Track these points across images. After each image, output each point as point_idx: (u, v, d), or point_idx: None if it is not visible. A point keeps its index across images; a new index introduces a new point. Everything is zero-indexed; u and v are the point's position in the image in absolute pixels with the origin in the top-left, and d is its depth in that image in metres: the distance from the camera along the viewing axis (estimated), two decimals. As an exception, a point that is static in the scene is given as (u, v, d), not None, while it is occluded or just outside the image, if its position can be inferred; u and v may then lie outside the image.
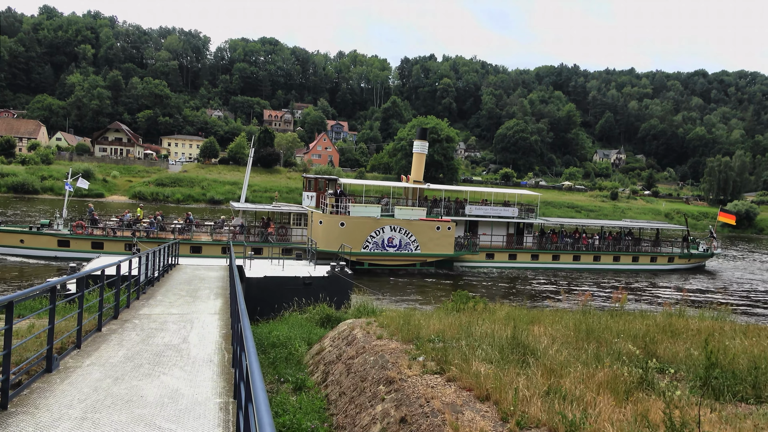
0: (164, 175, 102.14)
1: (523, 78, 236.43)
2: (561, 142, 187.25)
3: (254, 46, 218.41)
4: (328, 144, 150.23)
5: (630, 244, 45.01)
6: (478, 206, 41.34)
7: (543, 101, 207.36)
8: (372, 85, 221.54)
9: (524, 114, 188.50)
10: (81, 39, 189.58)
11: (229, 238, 33.90)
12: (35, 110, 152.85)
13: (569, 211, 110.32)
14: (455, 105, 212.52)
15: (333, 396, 9.26)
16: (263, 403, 3.00)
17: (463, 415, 6.27)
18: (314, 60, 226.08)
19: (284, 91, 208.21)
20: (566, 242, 42.67)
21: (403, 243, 35.65)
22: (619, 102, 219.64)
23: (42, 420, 5.71)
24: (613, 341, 9.03)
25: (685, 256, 46.12)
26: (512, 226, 41.63)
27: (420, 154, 42.13)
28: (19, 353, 7.59)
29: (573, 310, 13.53)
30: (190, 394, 6.77)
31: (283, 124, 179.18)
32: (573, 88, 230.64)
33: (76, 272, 15.21)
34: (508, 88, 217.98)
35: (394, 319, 11.16)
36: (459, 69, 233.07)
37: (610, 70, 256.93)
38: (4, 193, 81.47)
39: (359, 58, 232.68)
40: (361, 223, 34.92)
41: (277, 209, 37.14)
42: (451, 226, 36.80)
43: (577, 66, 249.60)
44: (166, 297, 14.14)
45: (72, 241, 31.94)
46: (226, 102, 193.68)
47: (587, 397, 6.36)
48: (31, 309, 12.02)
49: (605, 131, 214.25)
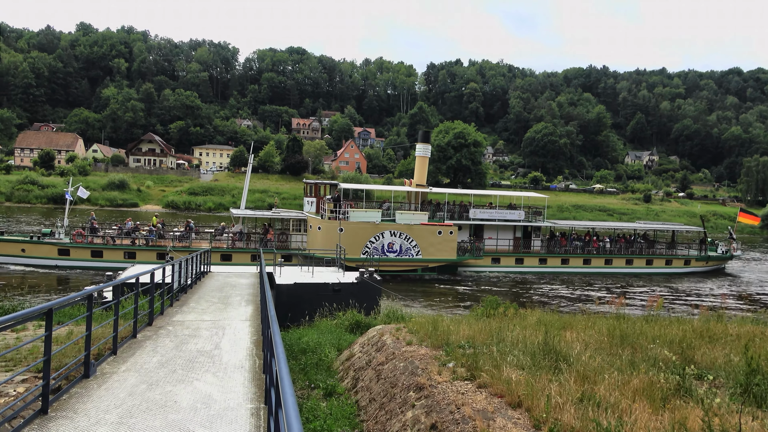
0: (196, 185, 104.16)
1: (551, 81, 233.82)
2: (591, 144, 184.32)
3: (282, 55, 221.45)
4: (355, 151, 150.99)
5: (644, 246, 43.40)
6: (482, 210, 40.16)
7: (572, 104, 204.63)
8: (398, 91, 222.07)
9: (553, 117, 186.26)
10: (115, 53, 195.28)
11: (228, 245, 33.97)
12: (73, 123, 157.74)
13: (601, 214, 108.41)
14: (482, 109, 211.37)
15: (363, 402, 9.25)
16: (293, 409, 3.01)
17: (495, 422, 6.19)
18: (341, 68, 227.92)
19: (312, 100, 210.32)
20: (576, 245, 41.29)
21: (403, 248, 34.80)
22: (651, 103, 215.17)
23: (80, 424, 5.85)
24: (648, 347, 8.82)
25: (702, 258, 44.13)
26: (519, 229, 40.33)
27: (422, 157, 41.42)
28: (58, 359, 7.81)
29: (606, 315, 13.26)
30: (222, 399, 6.86)
31: (311, 132, 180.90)
32: (602, 90, 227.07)
33: (112, 280, 15.58)
34: (536, 92, 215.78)
35: (423, 325, 11.12)
36: (485, 73, 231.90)
37: (640, 70, 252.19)
38: (45, 204, 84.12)
39: (385, 64, 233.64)
40: (360, 229, 34.15)
41: (277, 215, 36.93)
42: (453, 230, 35.83)
43: (606, 67, 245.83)
44: (199, 304, 14.37)
45: (72, 250, 31.97)
46: (255, 111, 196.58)
47: (622, 405, 6.21)
48: (70, 316, 12.35)
49: (637, 133, 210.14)
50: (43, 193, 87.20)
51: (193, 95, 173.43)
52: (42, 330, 8.93)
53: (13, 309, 14.05)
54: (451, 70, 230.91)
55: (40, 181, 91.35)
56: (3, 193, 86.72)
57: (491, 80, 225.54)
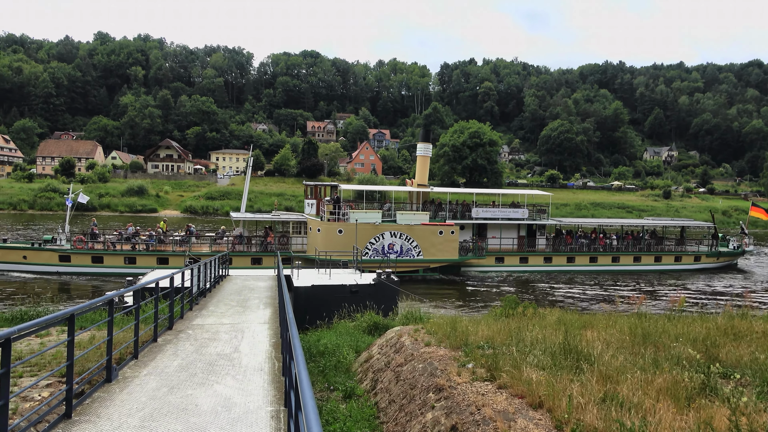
0: (213, 189, 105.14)
1: (566, 78, 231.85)
2: (608, 141, 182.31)
3: (296, 59, 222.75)
4: (370, 152, 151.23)
5: (652, 243, 42.38)
6: (485, 209, 39.72)
7: (588, 100, 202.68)
8: (412, 92, 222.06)
9: (569, 114, 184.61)
10: (132, 61, 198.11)
11: (228, 248, 33.74)
12: (92, 131, 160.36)
13: (620, 211, 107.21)
14: (497, 108, 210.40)
15: (382, 404, 9.23)
16: (313, 411, 3.00)
17: (516, 423, 6.13)
18: (354, 70, 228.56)
19: (326, 102, 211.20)
20: (581, 243, 40.48)
21: (404, 249, 34.39)
22: (669, 97, 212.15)
23: (103, 428, 5.91)
24: (671, 345, 8.67)
25: (713, 254, 43.09)
26: (523, 228, 39.71)
27: (423, 156, 40.94)
28: (81, 364, 7.91)
29: (627, 314, 13.09)
30: (242, 402, 6.89)
31: (325, 134, 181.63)
32: (619, 86, 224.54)
33: (133, 285, 15.76)
34: (551, 89, 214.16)
35: (441, 325, 11.06)
36: (500, 72, 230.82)
37: (657, 65, 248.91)
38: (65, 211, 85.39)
39: (399, 65, 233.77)
40: (359, 230, 33.65)
41: (277, 218, 36.79)
42: (454, 230, 35.34)
43: (622, 63, 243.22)
44: (218, 307, 14.48)
45: (73, 256, 32.05)
46: (270, 115, 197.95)
47: (646, 404, 6.11)
48: (92, 321, 12.51)
49: (655, 128, 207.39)
50: (64, 201, 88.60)
51: (209, 101, 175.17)
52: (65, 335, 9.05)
53: (37, 315, 14.29)
54: (465, 69, 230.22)
55: (61, 189, 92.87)
56: (26, 201, 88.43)
57: (506, 79, 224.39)
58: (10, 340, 4.77)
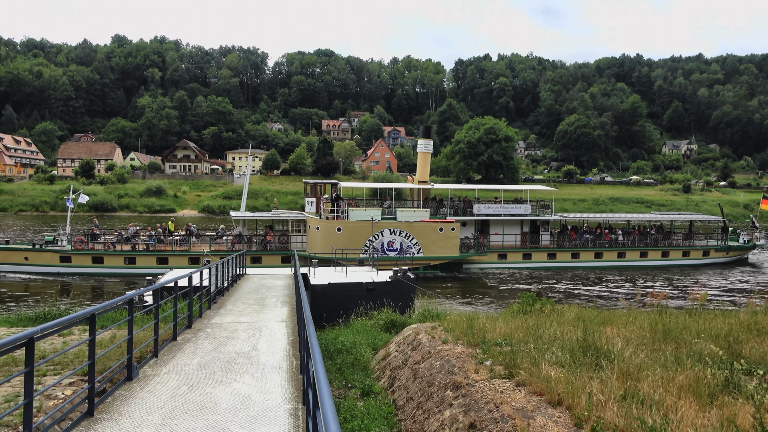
0: (230, 189, 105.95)
1: (582, 72, 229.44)
2: (626, 135, 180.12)
3: (310, 58, 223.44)
4: (385, 150, 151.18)
5: (659, 238, 41.42)
6: (487, 205, 39.20)
7: (605, 94, 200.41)
8: (427, 89, 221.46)
9: (585, 109, 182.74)
10: (149, 63, 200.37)
11: (227, 248, 33.74)
12: (110, 133, 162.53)
13: (639, 206, 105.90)
14: (512, 104, 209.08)
15: (400, 401, 9.23)
16: (330, 409, 3.01)
17: (535, 421, 6.09)
18: (368, 68, 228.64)
19: (341, 101, 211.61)
20: (586, 239, 39.69)
21: (404, 246, 33.96)
22: (688, 90, 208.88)
23: (125, 426, 5.99)
24: (693, 342, 8.54)
25: (722, 248, 42.10)
26: (526, 224, 39.15)
27: (424, 153, 40.42)
28: (102, 362, 8.02)
29: (647, 310, 12.92)
30: (260, 400, 6.93)
31: (340, 133, 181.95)
32: (637, 79, 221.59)
33: (152, 284, 15.95)
34: (568, 83, 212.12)
35: (458, 323, 11.02)
36: (515, 67, 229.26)
37: (676, 57, 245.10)
38: (87, 212, 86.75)
39: (413, 62, 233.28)
40: (358, 227, 33.44)
41: (276, 216, 36.65)
42: (455, 226, 34.79)
43: (640, 55, 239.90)
44: (236, 306, 14.59)
45: (73, 257, 32.12)
46: (285, 115, 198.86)
47: (667, 402, 6.03)
48: (112, 320, 12.69)
49: (674, 121, 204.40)
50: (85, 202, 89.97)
51: (225, 101, 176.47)
52: (87, 334, 9.20)
53: (59, 314, 14.53)
54: (480, 65, 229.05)
55: (81, 190, 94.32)
56: (47, 202, 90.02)
57: (521, 74, 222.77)
58: (34, 340, 4.85)
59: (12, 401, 6.82)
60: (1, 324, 13.47)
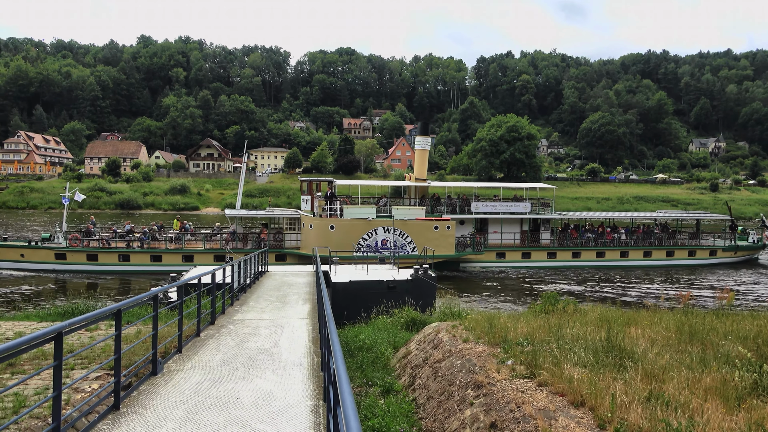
0: (252, 187, 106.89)
1: (607, 68, 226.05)
2: (652, 133, 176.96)
3: (332, 57, 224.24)
4: (407, 148, 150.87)
5: (663, 237, 40.25)
6: (485, 203, 38.51)
7: (630, 91, 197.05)
8: (448, 87, 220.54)
9: (610, 106, 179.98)
10: (174, 63, 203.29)
11: (221, 245, 33.72)
12: (136, 132, 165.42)
13: (665, 205, 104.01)
14: (535, 101, 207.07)
15: (421, 400, 9.22)
16: (351, 407, 3.02)
17: (557, 421, 6.03)
18: (390, 66, 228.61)
19: (362, 99, 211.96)
20: (588, 238, 38.75)
21: (398, 245, 33.43)
22: (716, 86, 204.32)
23: (149, 420, 6.10)
24: (720, 343, 8.37)
25: (730, 248, 40.73)
26: (526, 222, 38.46)
27: (422, 150, 39.92)
28: (128, 357, 8.18)
29: (673, 311, 12.70)
30: (282, 396, 6.99)
31: (362, 131, 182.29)
32: (663, 76, 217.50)
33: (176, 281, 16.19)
34: (592, 80, 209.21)
35: (479, 322, 10.97)
36: (538, 64, 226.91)
37: (703, 53, 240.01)
38: (113, 210, 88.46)
39: (434, 60, 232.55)
40: (352, 226, 33.16)
41: (270, 214, 36.41)
42: (450, 225, 34.23)
43: (666, 52, 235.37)
44: (258, 303, 14.72)
45: (68, 254, 32.24)
46: (307, 113, 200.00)
47: (693, 404, 5.92)
48: (138, 316, 12.91)
49: (701, 119, 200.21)
50: (111, 200, 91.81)
51: (248, 100, 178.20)
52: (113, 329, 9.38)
53: (87, 310, 14.84)
54: (502, 62, 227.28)
55: (108, 188, 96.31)
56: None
57: (544, 71, 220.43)
58: (62, 334, 4.96)
59: (42, 394, 6.99)
60: (31, 318, 13.83)
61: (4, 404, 6.60)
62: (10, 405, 6.56)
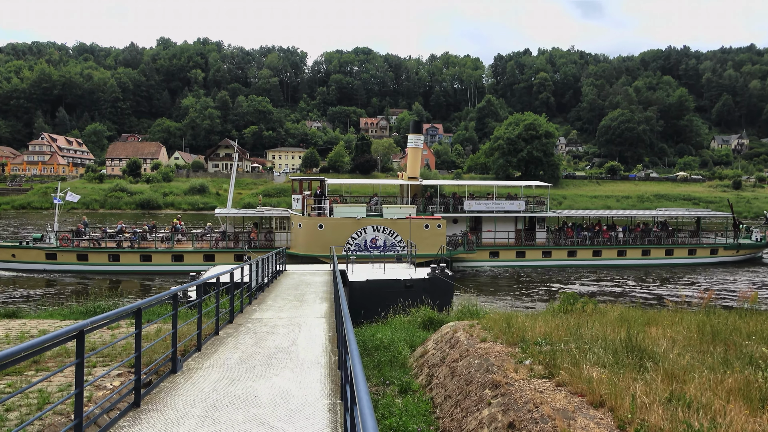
0: (270, 186, 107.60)
1: (626, 65, 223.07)
2: (673, 130, 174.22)
3: (348, 56, 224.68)
4: (423, 147, 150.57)
5: (662, 235, 39.36)
6: (479, 201, 37.92)
7: (650, 88, 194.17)
8: (465, 86, 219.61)
9: (630, 103, 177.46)
10: (192, 64, 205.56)
11: (210, 245, 33.64)
12: (156, 133, 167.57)
13: (686, 203, 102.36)
14: (553, 99, 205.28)
15: (438, 399, 9.21)
16: (367, 406, 3.03)
17: (576, 422, 5.97)
18: (406, 65, 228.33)
19: (379, 98, 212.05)
20: (584, 236, 38.06)
21: (387, 243, 33.10)
22: (738, 82, 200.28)
23: (169, 417, 6.18)
24: (743, 344, 8.22)
25: (731, 247, 39.75)
26: (521, 221, 38.02)
27: (414, 149, 39.55)
28: (149, 355, 8.30)
29: (695, 311, 12.50)
30: (299, 395, 7.03)
31: (378, 130, 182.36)
32: (684, 72, 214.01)
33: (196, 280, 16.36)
34: (611, 77, 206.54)
35: (497, 321, 10.91)
36: (556, 62, 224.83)
37: (725, 48, 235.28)
38: (133, 210, 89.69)
39: (451, 59, 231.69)
40: (341, 225, 32.90)
41: (260, 214, 36.26)
42: (441, 223, 33.65)
43: (687, 47, 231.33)
44: (276, 302, 14.82)
45: (59, 254, 32.29)
46: (324, 113, 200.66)
47: (715, 405, 5.82)
48: (158, 314, 13.08)
49: (723, 115, 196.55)
50: (132, 200, 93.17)
51: (265, 100, 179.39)
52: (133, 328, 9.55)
53: (108, 308, 15.07)
54: (520, 60, 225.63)
55: (128, 189, 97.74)
56: (97, 200, 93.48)
57: (562, 68, 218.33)
58: (84, 332, 5.05)
59: (65, 390, 7.12)
60: (55, 317, 14.08)
61: (29, 400, 6.74)
62: (34, 402, 6.69)
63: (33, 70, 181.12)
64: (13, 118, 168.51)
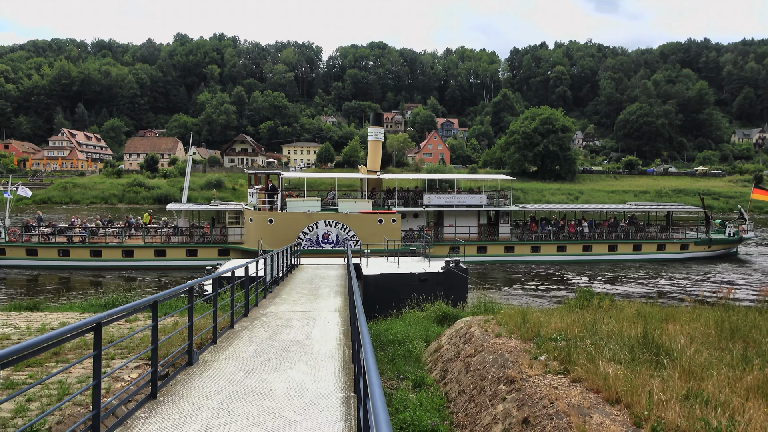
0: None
1: (645, 58, 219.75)
2: (692, 124, 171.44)
3: (363, 51, 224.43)
4: (438, 142, 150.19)
5: (630, 230, 38.54)
6: (438, 195, 36.93)
7: (669, 81, 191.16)
8: (481, 80, 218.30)
9: (648, 96, 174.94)
10: (208, 60, 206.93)
11: (162, 240, 33.25)
12: (173, 128, 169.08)
13: (705, 198, 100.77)
14: (570, 93, 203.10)
15: (452, 394, 9.20)
16: (379, 399, 3.03)
17: (591, 419, 5.93)
18: (422, 60, 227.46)
19: (394, 93, 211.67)
20: (548, 231, 37.27)
21: (340, 238, 32.56)
22: (761, 75, 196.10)
23: (185, 409, 6.25)
24: (763, 341, 8.09)
25: (703, 242, 38.95)
26: (483, 215, 37.33)
27: (375, 141, 38.67)
28: (165, 348, 8.40)
29: (713, 307, 12.33)
30: (314, 388, 7.07)
31: (393, 125, 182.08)
32: (704, 64, 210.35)
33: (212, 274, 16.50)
34: (629, 71, 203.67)
35: (512, 316, 10.86)
36: (573, 55, 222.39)
37: (747, 40, 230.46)
38: (151, 204, 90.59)
39: (467, 53, 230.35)
40: (291, 219, 32.32)
41: (214, 208, 35.84)
42: (395, 218, 33.06)
43: (707, 40, 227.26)
44: (290, 295, 14.90)
45: (7, 249, 31.82)
46: (339, 108, 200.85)
47: (734, 403, 5.74)
48: (174, 307, 13.22)
49: (744, 109, 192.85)
50: (149, 194, 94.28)
51: (280, 95, 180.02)
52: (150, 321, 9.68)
53: (126, 301, 15.28)
54: (536, 54, 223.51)
55: (146, 183, 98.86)
56: (116, 195, 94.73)
57: (579, 62, 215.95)
58: (101, 324, 5.11)
59: (84, 382, 7.23)
60: (74, 309, 14.32)
61: (49, 391, 6.86)
62: (54, 392, 6.81)
63: (53, 66, 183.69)
64: (34, 114, 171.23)
